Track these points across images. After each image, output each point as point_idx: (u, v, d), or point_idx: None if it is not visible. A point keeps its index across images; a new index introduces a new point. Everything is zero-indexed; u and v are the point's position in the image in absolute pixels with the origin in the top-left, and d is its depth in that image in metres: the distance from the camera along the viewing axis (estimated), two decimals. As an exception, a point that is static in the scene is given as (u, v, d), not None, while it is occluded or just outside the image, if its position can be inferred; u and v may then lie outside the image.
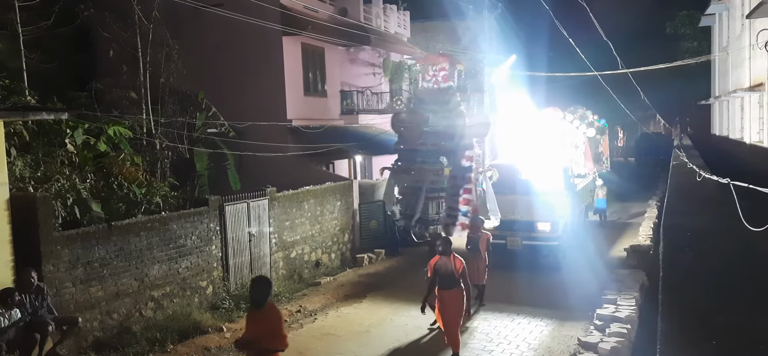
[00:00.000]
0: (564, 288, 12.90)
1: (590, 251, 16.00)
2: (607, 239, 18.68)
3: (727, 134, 24.27)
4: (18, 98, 9.66)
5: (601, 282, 12.65)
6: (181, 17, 15.58)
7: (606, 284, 12.22)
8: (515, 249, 14.96)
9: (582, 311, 11.25)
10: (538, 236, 14.80)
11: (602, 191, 21.22)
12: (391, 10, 23.69)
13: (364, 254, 16.25)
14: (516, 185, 15.13)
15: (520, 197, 14.87)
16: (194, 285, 11.75)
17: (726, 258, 6.10)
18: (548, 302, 12.23)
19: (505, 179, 14.60)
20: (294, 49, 17.68)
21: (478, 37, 29.20)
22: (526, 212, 14.86)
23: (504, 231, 14.46)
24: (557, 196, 15.06)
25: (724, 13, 24.69)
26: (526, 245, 14.89)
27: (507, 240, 14.85)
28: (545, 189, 14.89)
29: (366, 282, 14.41)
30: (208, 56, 17.12)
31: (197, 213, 11.92)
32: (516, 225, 14.86)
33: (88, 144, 12.46)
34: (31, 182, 10.29)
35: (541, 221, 14.78)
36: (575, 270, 13.95)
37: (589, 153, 21.68)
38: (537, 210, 14.78)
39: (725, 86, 24.84)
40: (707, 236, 7.14)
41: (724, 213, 8.20)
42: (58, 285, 9.39)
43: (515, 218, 14.80)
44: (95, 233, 10.02)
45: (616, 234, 19.75)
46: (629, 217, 22.96)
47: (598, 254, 16.03)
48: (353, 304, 12.60)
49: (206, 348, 10.13)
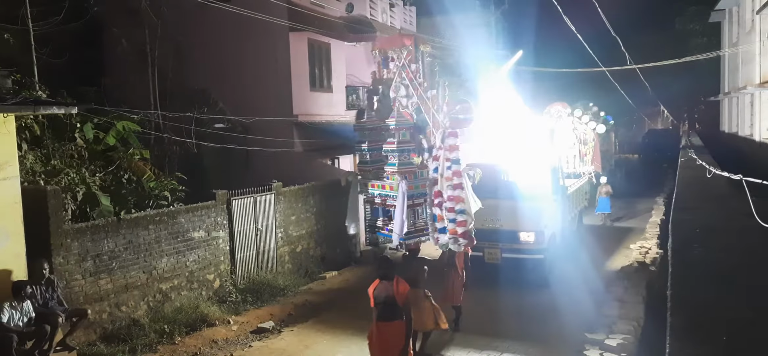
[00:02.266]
0: (550, 311, 11.19)
1: (584, 264, 14.20)
2: (605, 248, 16.61)
3: (737, 131, 24.13)
4: (29, 93, 9.71)
5: (596, 299, 11.39)
6: (189, 13, 15.63)
7: (602, 301, 11.08)
8: (494, 263, 13.00)
9: (572, 342, 9.59)
10: (520, 248, 12.81)
11: (605, 189, 20.14)
12: (397, 5, 23.65)
13: (368, 249, 16.26)
14: (498, 188, 13.36)
15: (501, 202, 12.98)
16: (201, 278, 11.81)
17: (737, 254, 6.08)
18: (529, 331, 10.23)
19: (484, 181, 13.03)
20: (300, 45, 17.68)
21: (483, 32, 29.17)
22: (507, 220, 12.91)
23: (481, 242, 12.31)
24: (543, 201, 13.24)
25: (734, 9, 24.54)
26: (506, 259, 12.88)
27: (484, 253, 12.88)
28: (530, 193, 13.07)
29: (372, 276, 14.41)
30: (215, 52, 17.17)
31: (205, 207, 11.98)
32: (495, 235, 12.90)
33: (98, 138, 12.53)
34: (41, 175, 10.37)
35: (524, 230, 12.81)
36: (565, 288, 12.28)
37: (598, 151, 21.24)
38: (520, 218, 12.82)
39: (735, 82, 24.69)
40: (717, 233, 7.11)
41: (734, 209, 8.17)
42: (68, 278, 9.47)
43: (494, 226, 12.91)
44: (104, 227, 10.09)
45: (616, 241, 17.73)
46: (633, 218, 21.47)
47: (593, 266, 14.26)
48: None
49: (213, 341, 10.19)
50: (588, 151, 20.60)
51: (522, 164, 13.93)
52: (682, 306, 4.51)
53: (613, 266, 14.74)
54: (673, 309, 4.42)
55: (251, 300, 12.04)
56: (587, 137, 20.74)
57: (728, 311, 4.42)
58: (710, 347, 3.82)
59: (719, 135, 29.19)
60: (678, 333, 4.00)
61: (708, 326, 4.15)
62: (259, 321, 11.11)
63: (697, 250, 6.14)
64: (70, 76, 14.83)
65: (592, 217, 20.06)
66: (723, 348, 3.78)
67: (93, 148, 12.24)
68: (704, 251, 6.11)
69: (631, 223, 20.64)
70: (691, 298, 4.74)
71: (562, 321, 10.57)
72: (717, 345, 3.81)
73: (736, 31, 24.25)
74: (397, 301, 7.12)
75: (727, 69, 28.00)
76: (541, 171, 13.77)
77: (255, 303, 12.00)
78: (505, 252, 12.89)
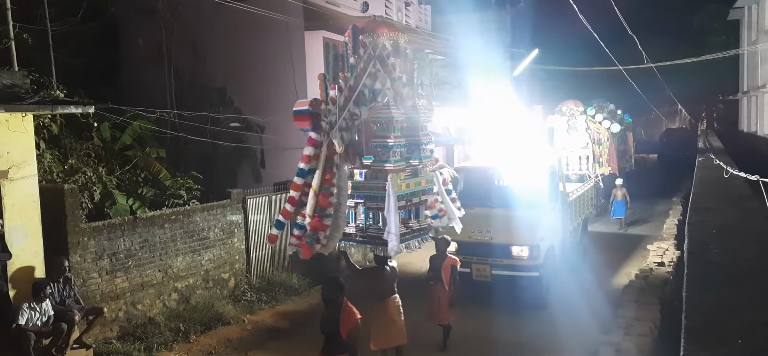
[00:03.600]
0: (547, 339, 9.95)
1: (588, 282, 12.66)
2: (612, 260, 15.02)
3: (756, 130, 23.80)
4: (47, 92, 9.85)
5: (600, 324, 10.08)
6: (205, 13, 15.74)
7: (607, 328, 9.69)
8: (483, 281, 11.52)
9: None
10: (513, 264, 11.28)
11: (621, 192, 18.79)
12: (412, 4, 23.63)
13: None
14: (490, 195, 11.98)
15: (492, 211, 11.54)
16: (217, 277, 11.90)
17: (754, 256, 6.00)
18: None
19: (475, 187, 11.82)
20: (316, 44, 17.74)
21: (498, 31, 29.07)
22: (498, 232, 11.38)
23: (469, 256, 11.12)
24: (540, 210, 11.73)
25: (754, 6, 24.21)
26: (497, 276, 11.38)
27: (472, 269, 11.45)
28: (525, 201, 11.55)
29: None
30: (230, 51, 17.27)
31: (220, 206, 12.06)
32: (484, 249, 11.38)
33: (114, 138, 12.68)
34: (59, 174, 10.51)
35: (516, 244, 11.27)
36: (565, 310, 10.96)
37: (613, 152, 20.47)
38: (512, 229, 11.30)
39: (754, 81, 24.36)
40: (734, 234, 7.02)
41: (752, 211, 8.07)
42: (85, 276, 9.59)
43: (482, 238, 11.37)
44: (121, 225, 10.21)
45: (626, 251, 16.12)
46: (648, 222, 20.27)
47: (597, 283, 12.74)
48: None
49: (228, 340, 10.26)
50: (603, 151, 19.90)
51: (517, 167, 12.55)
52: (697, 308, 4.46)
53: (620, 281, 13.18)
54: (688, 311, 4.37)
55: (266, 299, 12.11)
56: (601, 137, 20.03)
57: (744, 313, 4.36)
58: (725, 349, 3.78)
59: (738, 135, 28.80)
60: (692, 334, 3.96)
61: (723, 328, 4.10)
62: (273, 321, 11.16)
63: (714, 251, 6.07)
64: (88, 76, 15.02)
65: (604, 223, 19.15)
66: (738, 351, 3.73)
67: (110, 147, 12.39)
68: (721, 252, 6.03)
69: (645, 230, 19.21)
70: (706, 300, 4.69)
71: (560, 352, 9.53)
72: (732, 348, 3.76)
73: (755, 30, 23.92)
74: (341, 333, 5.88)
75: (746, 67, 27.63)
76: (537, 175, 12.29)
77: (270, 302, 12.07)
78: (496, 269, 11.37)
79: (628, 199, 18.96)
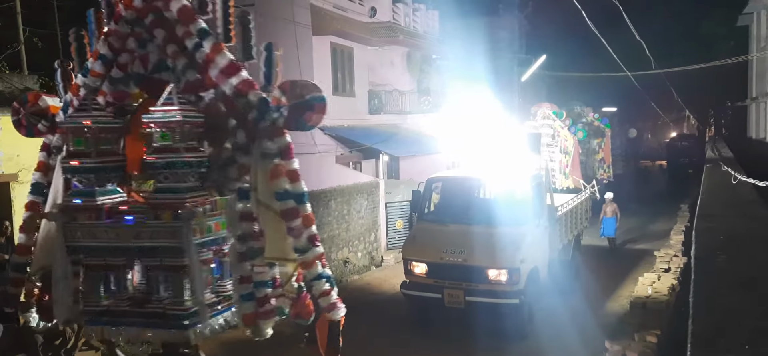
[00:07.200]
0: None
1: (578, 308, 11.30)
2: (607, 282, 13.54)
3: (764, 137, 23.69)
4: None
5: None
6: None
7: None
8: (456, 308, 10.10)
9: None
10: (489, 289, 9.89)
11: (610, 208, 16.62)
12: (420, 9, 23.69)
13: (390, 254, 16.32)
14: (470, 210, 10.77)
15: (469, 228, 10.21)
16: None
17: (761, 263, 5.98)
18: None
19: (453, 200, 10.85)
20: (323, 49, 17.80)
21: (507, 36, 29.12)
22: (472, 253, 9.98)
23: (440, 280, 10.05)
24: (522, 227, 10.32)
25: (763, 13, 24.13)
26: (471, 303, 9.94)
27: (444, 294, 10.07)
28: (505, 217, 10.26)
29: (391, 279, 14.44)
30: (238, 55, 17.36)
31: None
32: (457, 272, 10.00)
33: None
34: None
35: (493, 267, 9.86)
36: (549, 342, 9.70)
37: (577, 161, 18.45)
38: (489, 249, 9.89)
39: (763, 87, 24.26)
40: (741, 241, 7.00)
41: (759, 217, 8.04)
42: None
43: (455, 260, 10.02)
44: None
45: (625, 269, 14.51)
46: (646, 241, 17.93)
47: (591, 309, 11.35)
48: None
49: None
50: (568, 161, 17.83)
51: (497, 178, 11.39)
52: (704, 314, 4.46)
53: (616, 307, 11.82)
54: (695, 316, 4.37)
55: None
56: (568, 145, 17.92)
57: (751, 319, 4.35)
58: (732, 355, 3.77)
59: (746, 141, 28.67)
60: (699, 340, 3.96)
61: (730, 333, 4.10)
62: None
63: (721, 258, 6.05)
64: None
65: (597, 236, 16.83)
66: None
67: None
68: (728, 259, 6.02)
69: (645, 245, 17.33)
70: (713, 305, 4.69)
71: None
72: (738, 354, 3.76)
73: (765, 36, 23.84)
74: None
75: (754, 74, 27.51)
76: (519, 187, 11.02)
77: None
78: (470, 294, 9.91)
79: (619, 215, 16.89)
